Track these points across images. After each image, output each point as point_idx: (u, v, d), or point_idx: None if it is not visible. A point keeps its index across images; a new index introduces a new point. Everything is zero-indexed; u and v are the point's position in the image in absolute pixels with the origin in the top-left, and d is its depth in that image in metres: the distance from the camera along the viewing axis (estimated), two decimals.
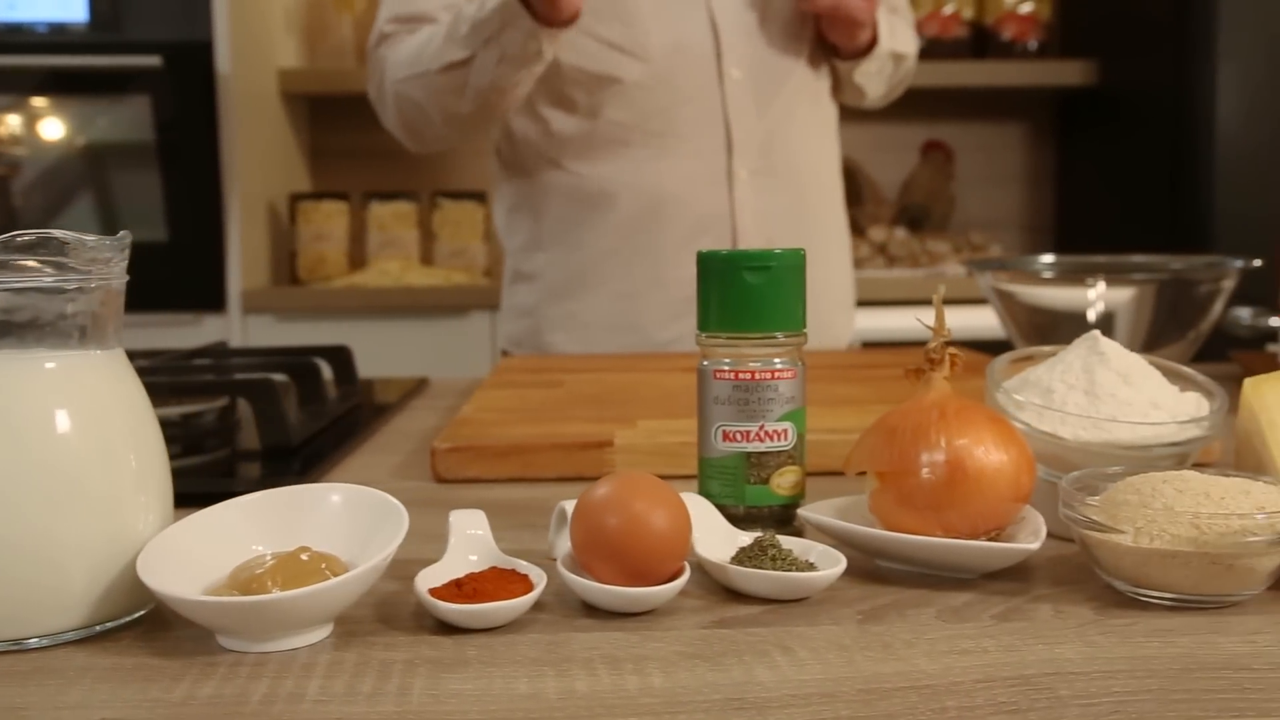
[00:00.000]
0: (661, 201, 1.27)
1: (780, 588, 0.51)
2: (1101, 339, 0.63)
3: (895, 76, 1.41)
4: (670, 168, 1.27)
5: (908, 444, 0.54)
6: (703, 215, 1.28)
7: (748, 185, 1.29)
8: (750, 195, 1.29)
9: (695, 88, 1.26)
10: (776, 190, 1.31)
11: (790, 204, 1.33)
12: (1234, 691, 0.42)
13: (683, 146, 1.27)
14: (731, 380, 0.58)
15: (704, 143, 1.27)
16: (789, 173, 1.32)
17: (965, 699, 0.42)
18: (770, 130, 1.30)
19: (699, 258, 0.58)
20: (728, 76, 1.27)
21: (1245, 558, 0.49)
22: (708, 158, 1.28)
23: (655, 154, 1.27)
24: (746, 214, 1.29)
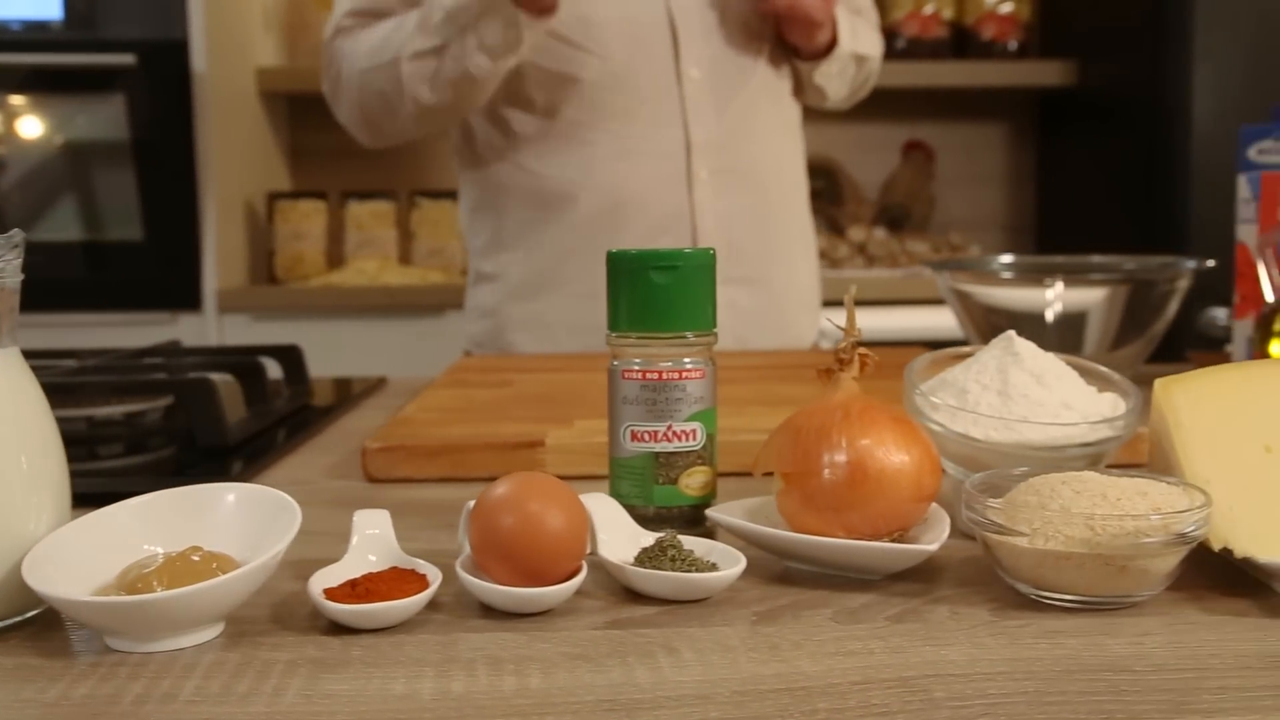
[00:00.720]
0: (621, 202, 1.27)
1: (677, 588, 0.51)
2: (1017, 339, 0.63)
3: (858, 78, 1.41)
4: (629, 168, 1.27)
5: (811, 445, 0.54)
6: (662, 215, 1.28)
7: (708, 185, 1.28)
8: (710, 196, 1.29)
9: (653, 87, 1.26)
10: (737, 190, 1.31)
11: (752, 204, 1.32)
12: (1109, 694, 0.42)
13: (641, 146, 1.27)
14: (639, 380, 0.57)
15: (663, 143, 1.27)
16: (750, 173, 1.32)
17: (839, 701, 0.41)
18: (730, 130, 1.30)
19: (608, 257, 0.58)
20: (686, 76, 1.27)
21: (1139, 559, 0.49)
22: (667, 158, 1.27)
23: (614, 154, 1.27)
24: (707, 214, 1.28)
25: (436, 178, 2.51)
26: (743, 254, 1.31)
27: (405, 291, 2.16)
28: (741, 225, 1.31)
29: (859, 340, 0.58)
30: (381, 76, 1.23)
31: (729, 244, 1.29)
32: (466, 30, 1.16)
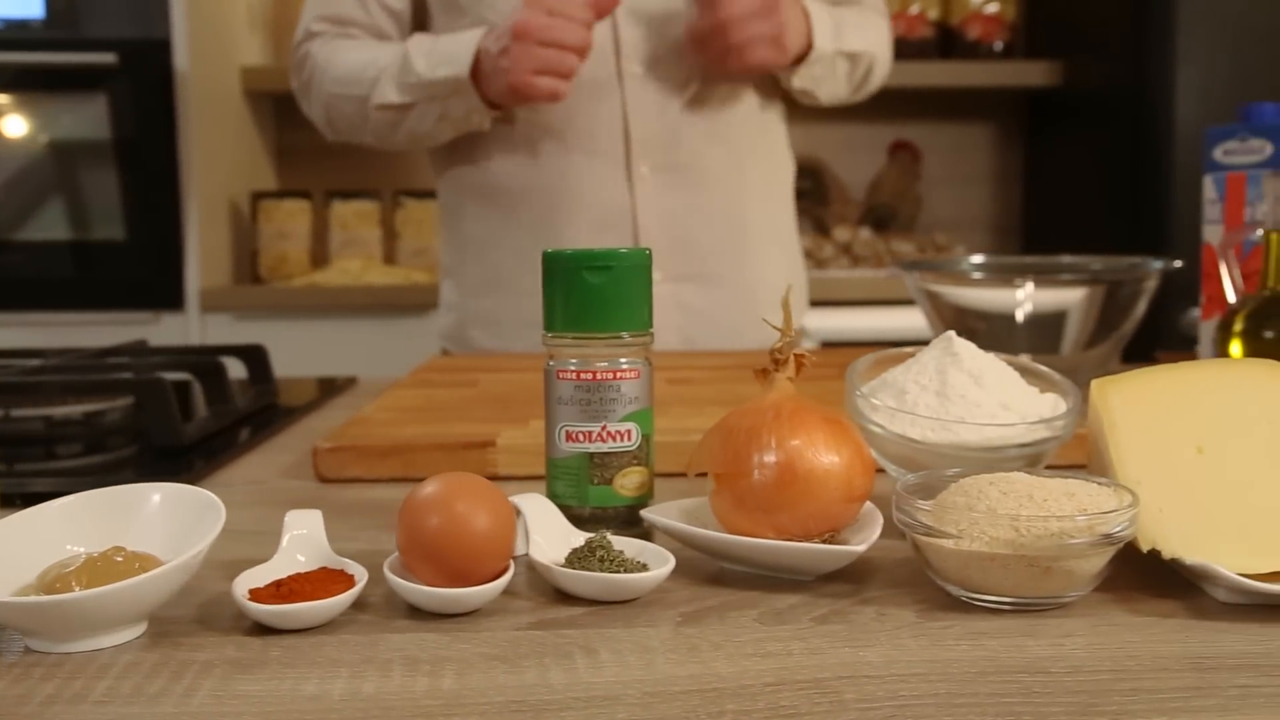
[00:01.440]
0: (564, 199, 1.27)
1: (604, 589, 0.51)
2: (956, 340, 0.63)
3: (856, 75, 1.37)
4: (571, 165, 1.27)
5: (741, 445, 0.54)
6: (604, 213, 1.27)
7: (650, 182, 1.27)
8: (653, 193, 1.28)
9: (594, 84, 1.25)
10: (684, 188, 1.29)
11: (703, 202, 1.30)
12: (1020, 696, 0.42)
13: (583, 144, 1.27)
14: (574, 380, 0.57)
15: (603, 140, 1.26)
16: (699, 170, 1.30)
17: (748, 702, 0.41)
18: (675, 127, 1.28)
19: (543, 257, 0.58)
20: (627, 73, 1.26)
21: (1063, 560, 0.49)
22: (606, 155, 1.26)
23: (557, 151, 1.27)
24: (649, 212, 1.27)
25: (421, 177, 2.51)
26: (692, 252, 1.30)
27: (388, 291, 2.16)
28: (690, 223, 1.30)
29: (794, 340, 0.57)
30: (350, 106, 1.29)
31: (675, 241, 1.29)
32: (434, 100, 1.22)
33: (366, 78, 1.25)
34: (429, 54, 1.22)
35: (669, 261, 1.29)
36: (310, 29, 1.32)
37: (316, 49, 1.31)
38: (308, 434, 0.94)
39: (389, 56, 1.25)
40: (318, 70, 1.30)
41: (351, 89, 1.27)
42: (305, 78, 1.32)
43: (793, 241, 1.45)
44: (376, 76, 1.24)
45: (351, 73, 1.27)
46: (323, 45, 1.31)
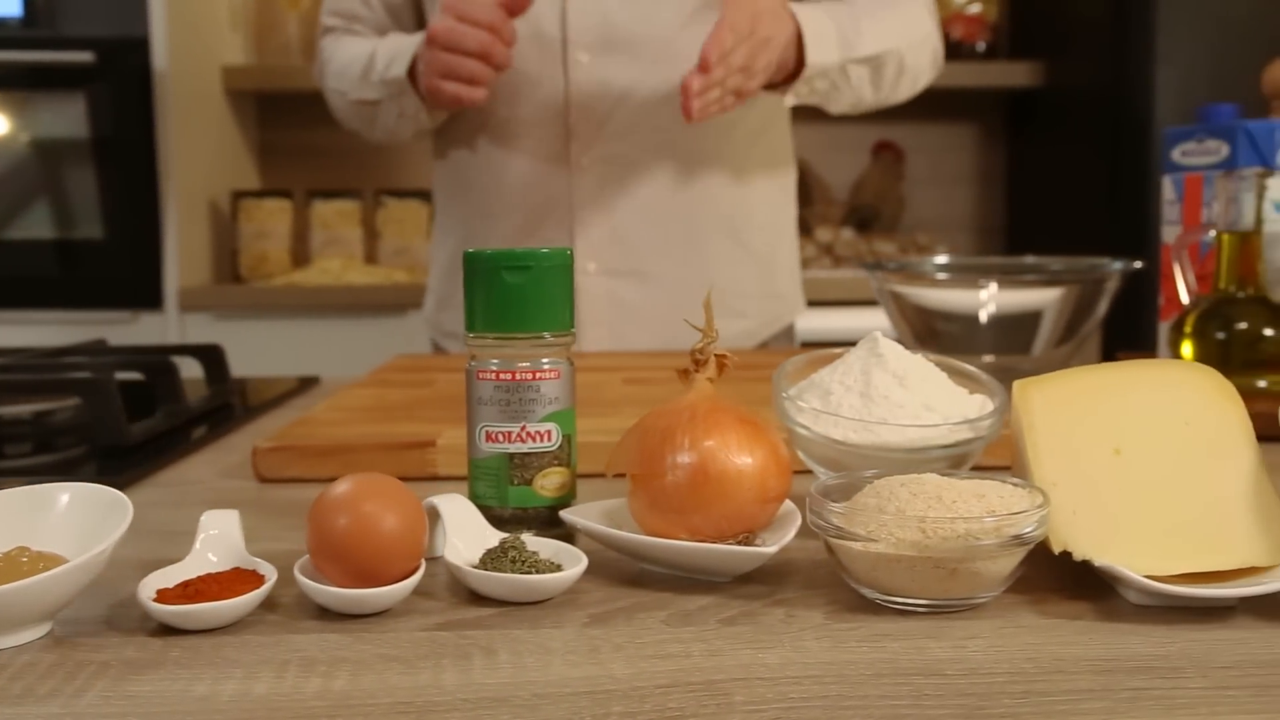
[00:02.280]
0: (505, 185, 1.28)
1: (513, 590, 0.51)
2: (882, 340, 0.63)
3: (884, 79, 1.28)
4: (512, 150, 1.27)
5: (656, 446, 0.54)
6: (541, 202, 1.27)
7: (589, 172, 1.26)
8: (593, 183, 1.26)
9: (539, 70, 1.24)
10: (627, 180, 1.27)
11: (647, 195, 1.28)
12: (909, 699, 0.41)
13: (524, 130, 1.26)
14: (493, 381, 0.57)
15: (543, 128, 1.26)
16: (646, 163, 1.27)
17: (635, 704, 0.41)
18: (621, 117, 1.25)
19: (464, 257, 0.58)
20: (573, 60, 1.24)
21: (970, 562, 0.49)
22: (546, 143, 1.26)
23: (499, 138, 1.28)
24: (586, 202, 1.26)
25: (403, 177, 2.51)
26: (630, 246, 1.28)
27: (368, 291, 2.16)
28: (631, 216, 1.28)
29: (714, 341, 0.57)
30: (340, 100, 1.34)
31: (613, 234, 1.28)
32: (392, 99, 1.25)
33: (350, 74, 1.29)
34: (388, 54, 1.24)
35: (604, 255, 1.28)
36: (325, 24, 1.38)
37: (327, 44, 1.36)
38: (258, 434, 0.94)
39: (366, 53, 1.28)
40: (324, 65, 1.35)
41: (340, 84, 1.31)
42: (318, 71, 1.38)
43: (770, 246, 1.39)
44: (354, 74, 1.29)
45: (341, 68, 1.31)
46: (332, 41, 1.36)
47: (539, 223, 1.28)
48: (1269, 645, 0.46)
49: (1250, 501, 0.52)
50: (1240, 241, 0.92)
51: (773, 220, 1.40)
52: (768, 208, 1.39)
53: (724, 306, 1.33)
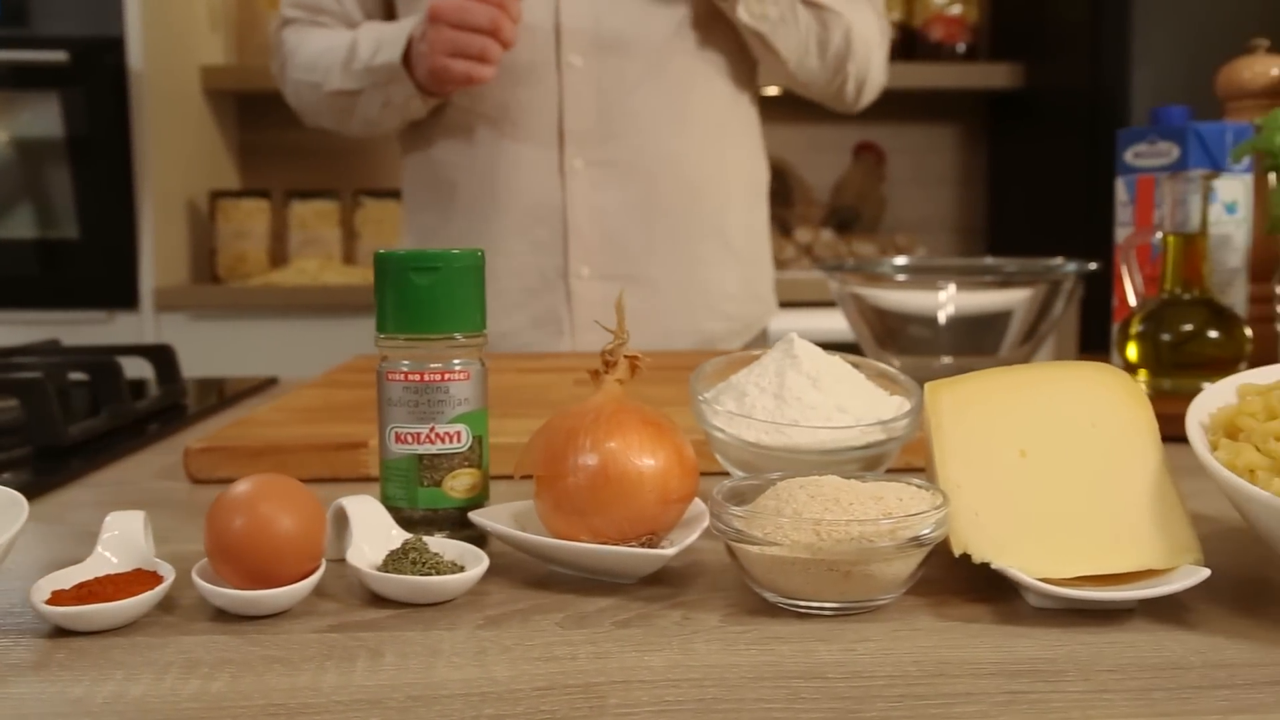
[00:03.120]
0: (495, 190, 1.27)
1: (410, 591, 0.51)
2: (797, 342, 0.62)
3: (831, 43, 1.28)
4: (503, 155, 1.26)
5: (559, 447, 0.54)
6: (534, 205, 1.27)
7: (583, 176, 1.26)
8: (586, 186, 1.26)
9: (532, 74, 1.24)
10: (620, 183, 1.27)
11: (639, 198, 1.28)
12: (783, 702, 0.41)
13: (515, 132, 1.26)
14: (402, 382, 0.57)
15: (537, 130, 1.25)
16: (637, 167, 1.28)
17: (508, 707, 0.41)
18: (614, 122, 1.26)
19: (374, 257, 0.58)
20: (567, 64, 1.24)
21: (863, 564, 0.48)
22: (539, 146, 1.26)
23: (490, 140, 1.27)
24: (580, 206, 1.26)
25: (381, 177, 2.51)
26: (624, 250, 1.29)
27: (345, 291, 2.15)
28: (624, 220, 1.28)
29: (624, 342, 0.57)
30: (309, 92, 1.32)
31: (606, 238, 1.28)
32: (377, 87, 1.23)
33: (323, 65, 1.28)
34: (372, 41, 1.23)
35: (598, 259, 1.28)
36: (285, 15, 1.35)
37: (289, 35, 1.34)
38: (202, 435, 0.93)
39: (344, 43, 1.26)
40: (288, 57, 1.33)
41: (312, 75, 1.29)
42: (279, 63, 1.35)
43: (752, 248, 1.41)
44: (331, 64, 1.27)
45: (312, 59, 1.29)
46: (294, 32, 1.34)
47: (530, 225, 1.27)
48: (1158, 648, 0.46)
49: (1152, 504, 0.52)
50: (1185, 243, 0.92)
51: (751, 222, 1.41)
52: (747, 209, 1.40)
53: (712, 309, 1.34)
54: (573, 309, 1.29)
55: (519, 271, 1.27)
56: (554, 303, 1.29)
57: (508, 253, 1.27)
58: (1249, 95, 1.07)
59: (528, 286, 1.29)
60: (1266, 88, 1.06)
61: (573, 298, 1.28)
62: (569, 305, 1.29)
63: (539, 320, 1.30)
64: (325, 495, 0.58)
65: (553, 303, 1.29)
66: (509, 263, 1.27)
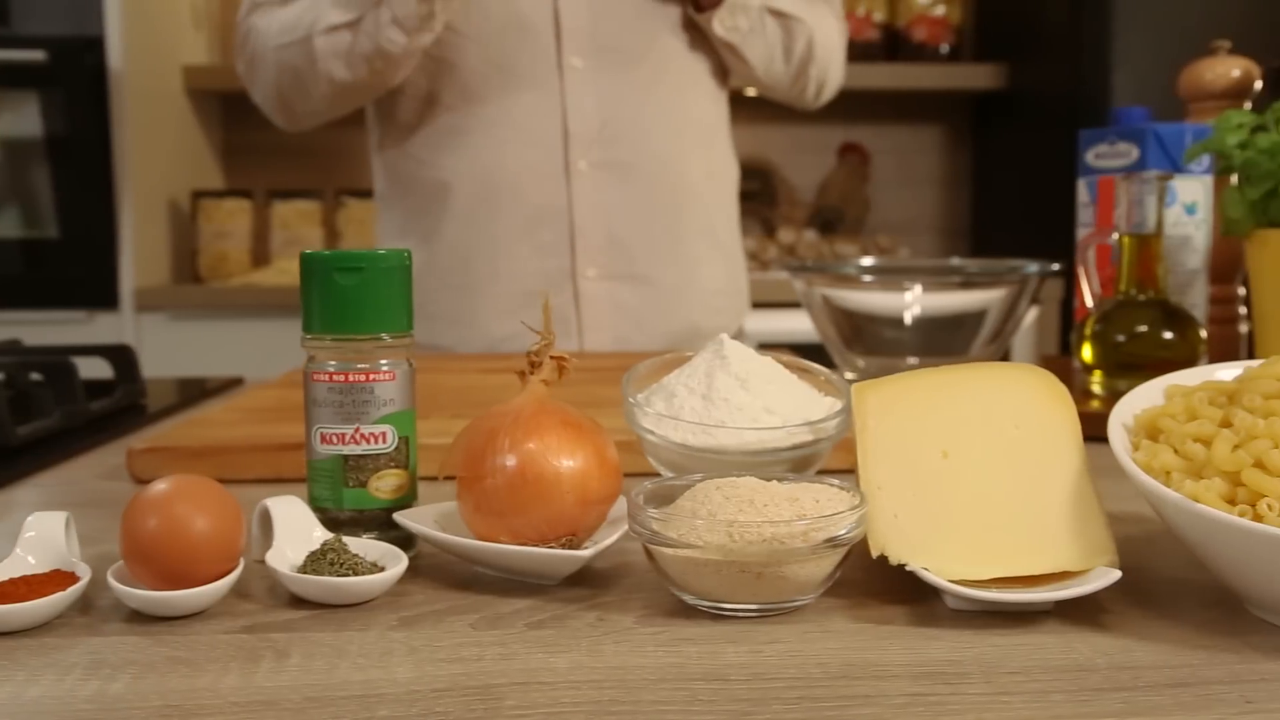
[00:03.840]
0: (497, 192, 1.26)
1: (325, 592, 0.51)
2: (727, 343, 0.62)
3: (795, 49, 1.31)
4: (505, 157, 1.25)
5: (480, 448, 0.54)
6: (539, 207, 1.26)
7: (587, 178, 1.26)
8: (590, 188, 1.26)
9: (533, 76, 1.24)
10: (621, 184, 1.28)
11: (640, 199, 1.29)
12: (681, 704, 0.41)
13: (518, 135, 1.25)
14: (326, 382, 0.57)
15: (540, 132, 1.25)
16: (638, 167, 1.28)
17: (403, 708, 0.41)
18: (615, 123, 1.26)
19: (300, 258, 0.58)
20: (568, 66, 1.24)
21: (775, 566, 0.48)
22: (544, 148, 1.25)
23: (491, 142, 1.25)
24: (585, 207, 1.26)
25: (364, 177, 2.50)
26: (627, 250, 1.29)
27: None
28: (626, 220, 1.28)
29: (550, 342, 0.57)
30: (295, 52, 1.22)
31: (611, 239, 1.28)
32: (380, 3, 1.15)
33: (308, 18, 1.21)
34: None
35: (604, 259, 1.28)
36: (253, 1, 1.29)
37: (258, 19, 1.28)
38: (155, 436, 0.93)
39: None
40: (259, 37, 1.26)
41: (295, 34, 1.21)
42: (250, 51, 1.28)
43: (734, 244, 1.42)
44: (318, 11, 1.20)
45: (292, 21, 1.23)
46: (263, 15, 1.28)
47: (534, 227, 1.26)
48: (1067, 650, 0.46)
49: (1070, 505, 0.52)
50: (1139, 244, 0.92)
51: (732, 219, 1.43)
52: (728, 206, 1.42)
53: (706, 306, 1.36)
54: (580, 310, 1.29)
55: (522, 274, 1.26)
56: (561, 304, 1.28)
57: (510, 256, 1.26)
58: (1210, 96, 1.07)
59: (530, 289, 1.28)
60: (1227, 89, 1.06)
61: (580, 299, 1.28)
62: (576, 306, 1.28)
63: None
64: (261, 495, 0.58)
65: (560, 304, 1.28)
66: (512, 266, 1.26)
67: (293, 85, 1.25)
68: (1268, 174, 0.84)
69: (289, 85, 1.25)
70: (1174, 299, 1.01)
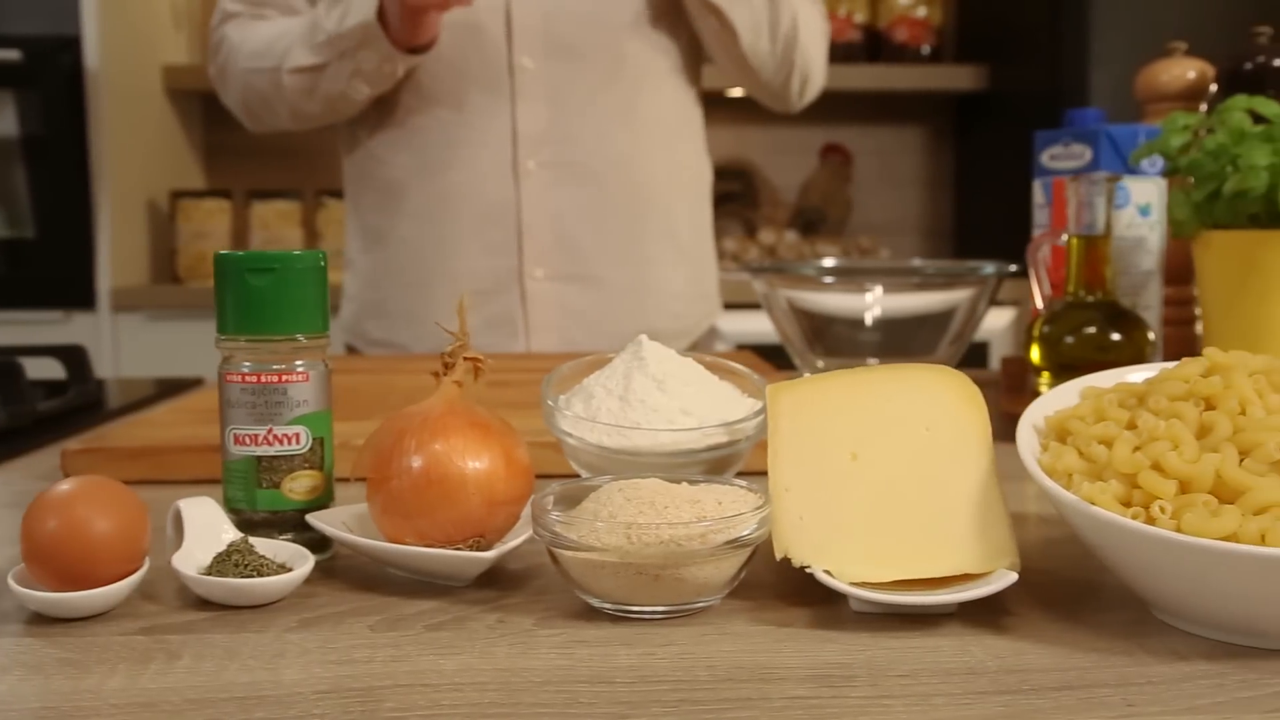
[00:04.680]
0: (448, 192, 1.26)
1: (225, 593, 0.51)
2: (646, 344, 0.62)
3: (780, 28, 1.28)
4: (456, 156, 1.26)
5: (388, 450, 0.54)
6: (489, 206, 1.26)
7: (535, 177, 1.26)
8: (538, 188, 1.26)
9: (484, 77, 1.24)
10: (572, 184, 1.28)
11: (592, 199, 1.29)
12: (560, 706, 0.41)
13: (469, 136, 1.25)
14: (239, 383, 0.57)
15: (489, 133, 1.25)
16: (589, 167, 1.28)
17: (281, 710, 0.41)
18: (566, 123, 1.26)
19: (214, 259, 0.57)
20: (519, 66, 1.24)
21: (672, 568, 0.48)
22: (493, 148, 1.25)
23: (442, 143, 1.26)
24: (534, 207, 1.26)
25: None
26: (577, 251, 1.29)
27: None
28: (577, 220, 1.28)
29: (464, 343, 0.57)
30: (263, 79, 1.26)
31: (560, 239, 1.28)
32: (345, 56, 1.19)
33: (278, 48, 1.24)
34: (337, 10, 1.20)
35: (552, 260, 1.28)
36: (226, 10, 1.31)
37: (231, 30, 1.30)
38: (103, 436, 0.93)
39: (299, 24, 1.24)
40: (232, 51, 1.29)
41: (264, 61, 1.25)
42: (221, 61, 1.31)
43: (700, 246, 1.41)
44: (288, 45, 1.23)
45: (263, 46, 1.26)
46: (237, 27, 1.30)
47: (484, 226, 1.27)
48: (960, 653, 0.46)
49: (975, 507, 0.51)
50: (1087, 246, 0.91)
51: (698, 221, 1.42)
52: (694, 209, 1.40)
53: (662, 309, 1.35)
54: (527, 311, 1.29)
55: (473, 274, 1.26)
56: (509, 304, 1.28)
57: (461, 255, 1.26)
58: (1166, 98, 1.07)
59: (481, 289, 1.29)
60: (1183, 91, 1.06)
61: (527, 299, 1.28)
62: (524, 307, 1.28)
63: (493, 322, 1.30)
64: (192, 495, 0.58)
65: (507, 304, 1.28)
66: (465, 264, 1.26)
67: (259, 104, 1.30)
68: (1211, 175, 0.83)
69: (256, 103, 1.30)
70: (1127, 300, 1.01)
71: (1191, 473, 0.46)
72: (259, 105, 1.30)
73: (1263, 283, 0.82)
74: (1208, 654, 0.46)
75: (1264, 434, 0.47)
